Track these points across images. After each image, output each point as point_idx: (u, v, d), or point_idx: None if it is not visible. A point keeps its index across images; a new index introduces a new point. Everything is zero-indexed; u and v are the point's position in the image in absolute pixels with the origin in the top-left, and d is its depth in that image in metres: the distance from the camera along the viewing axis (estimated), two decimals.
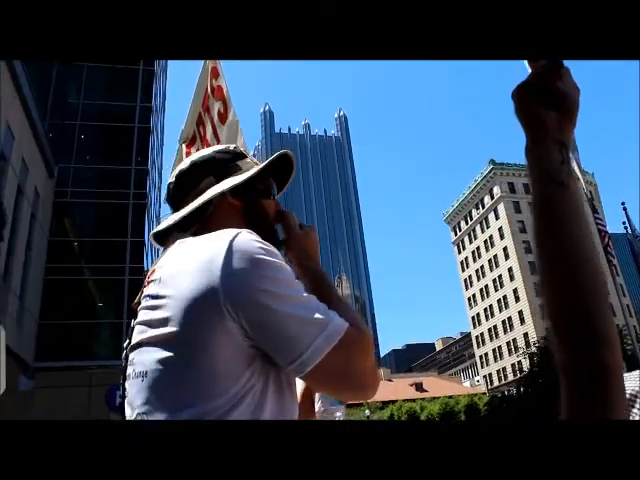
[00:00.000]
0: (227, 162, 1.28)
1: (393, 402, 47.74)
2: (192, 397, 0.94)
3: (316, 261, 1.26)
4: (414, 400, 50.15)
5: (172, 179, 1.30)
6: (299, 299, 1.00)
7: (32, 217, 19.64)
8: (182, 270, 1.01)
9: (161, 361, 0.97)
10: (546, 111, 0.79)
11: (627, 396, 1.04)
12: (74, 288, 21.73)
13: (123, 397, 1.08)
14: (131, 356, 1.07)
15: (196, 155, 1.32)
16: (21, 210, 18.10)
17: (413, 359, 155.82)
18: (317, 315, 0.99)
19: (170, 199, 1.30)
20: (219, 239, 1.02)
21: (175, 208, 1.27)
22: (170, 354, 0.96)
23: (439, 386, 64.65)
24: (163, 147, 36.74)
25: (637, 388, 1.03)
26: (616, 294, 10.67)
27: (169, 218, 1.26)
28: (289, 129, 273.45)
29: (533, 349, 38.68)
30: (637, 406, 1.01)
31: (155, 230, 1.30)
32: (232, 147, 1.33)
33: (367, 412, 42.63)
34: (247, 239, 1.02)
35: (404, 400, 49.12)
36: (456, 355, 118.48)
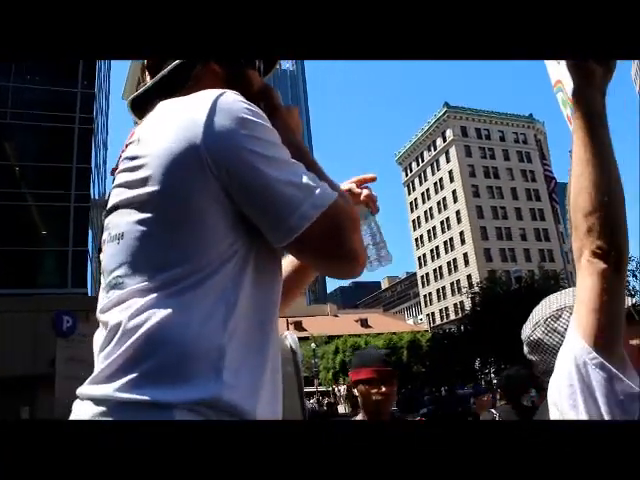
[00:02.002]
0: None
1: (339, 337, 49.11)
2: (171, 257, 0.90)
3: (299, 138, 1.16)
4: (359, 335, 51.76)
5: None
6: (287, 163, 0.94)
7: None
8: (162, 128, 0.94)
9: (140, 221, 0.92)
10: (594, 65, 1.03)
11: (555, 307, 1.31)
12: (16, 214, 20.88)
13: (98, 271, 1.02)
14: (106, 221, 1.01)
15: None
16: None
17: (359, 296, 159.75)
18: (306, 180, 0.93)
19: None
20: (202, 96, 0.95)
21: None
22: (150, 214, 0.91)
23: (383, 323, 66.83)
24: (110, 72, 34.99)
25: (568, 303, 1.27)
26: (557, 240, 11.05)
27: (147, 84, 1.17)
28: None
29: (476, 289, 40.18)
30: (564, 317, 1.26)
31: (134, 95, 1.19)
32: None
33: (313, 345, 43.78)
34: (233, 98, 0.95)
35: (349, 335, 50.58)
36: (401, 294, 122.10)
